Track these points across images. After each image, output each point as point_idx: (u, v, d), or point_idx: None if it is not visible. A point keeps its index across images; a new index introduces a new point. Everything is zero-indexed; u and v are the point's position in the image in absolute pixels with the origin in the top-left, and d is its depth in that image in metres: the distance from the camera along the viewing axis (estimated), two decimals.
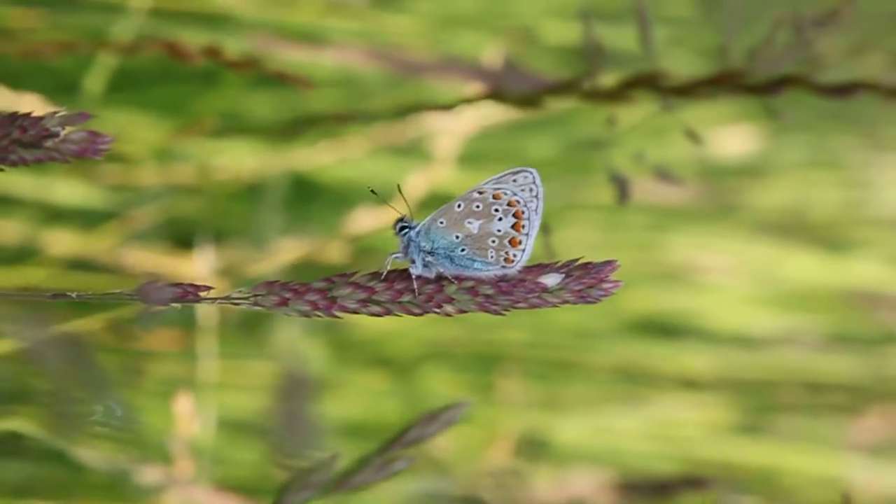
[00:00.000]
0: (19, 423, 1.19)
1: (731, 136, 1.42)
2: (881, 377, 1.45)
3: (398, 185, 0.67)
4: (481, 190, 0.62)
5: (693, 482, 1.05)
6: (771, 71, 0.82)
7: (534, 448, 1.29)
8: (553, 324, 1.37)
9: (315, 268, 1.22)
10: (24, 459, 1.20)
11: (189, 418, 1.07)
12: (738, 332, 1.45)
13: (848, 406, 1.46)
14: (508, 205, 0.61)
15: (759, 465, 1.40)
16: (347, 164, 1.28)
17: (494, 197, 0.61)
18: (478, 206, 0.61)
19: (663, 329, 1.43)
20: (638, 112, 0.89)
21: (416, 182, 1.13)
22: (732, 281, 1.46)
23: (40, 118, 0.55)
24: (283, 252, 1.25)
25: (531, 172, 0.61)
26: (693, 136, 0.86)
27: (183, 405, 1.08)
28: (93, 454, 1.14)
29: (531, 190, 0.61)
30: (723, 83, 0.83)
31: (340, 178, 1.31)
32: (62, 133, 0.54)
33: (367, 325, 1.35)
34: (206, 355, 1.15)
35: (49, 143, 0.54)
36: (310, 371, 0.59)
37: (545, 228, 0.69)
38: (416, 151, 1.26)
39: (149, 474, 1.06)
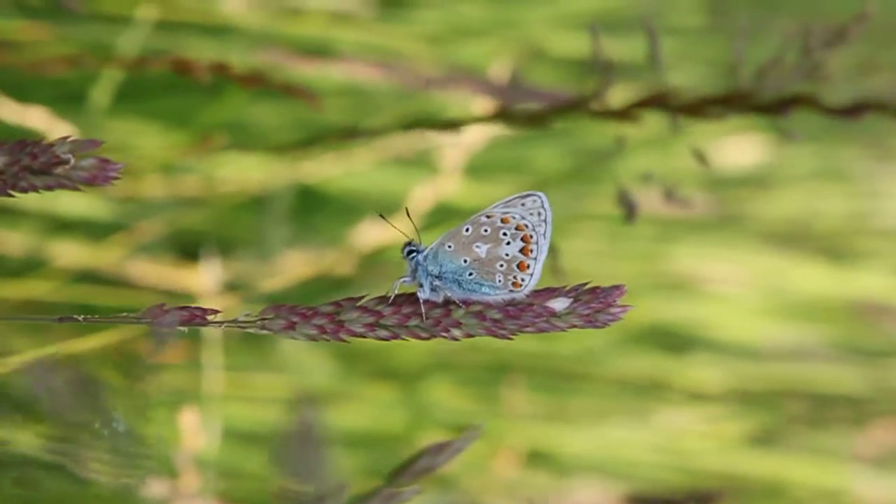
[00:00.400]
0: (25, 436, 1.19)
1: (738, 148, 1.41)
2: (887, 389, 1.44)
3: (406, 209, 0.67)
4: (489, 214, 0.61)
5: (700, 496, 1.05)
6: (779, 90, 0.82)
7: (540, 460, 1.28)
8: (559, 336, 1.37)
9: (321, 281, 1.22)
10: (28, 472, 1.20)
11: (194, 431, 1.07)
12: (745, 344, 1.45)
13: (854, 418, 1.46)
14: (517, 229, 0.61)
15: (766, 477, 1.40)
16: (354, 175, 1.28)
17: (503, 221, 0.61)
18: (486, 231, 0.61)
19: (669, 341, 1.43)
20: (646, 130, 0.89)
21: (423, 194, 1.13)
22: (738, 292, 1.45)
23: (51, 145, 0.54)
24: (289, 264, 1.25)
25: (540, 196, 0.61)
26: (700, 157, 0.87)
27: (188, 418, 1.08)
28: (97, 468, 1.14)
29: (539, 214, 0.61)
30: (731, 103, 0.83)
31: (347, 190, 1.31)
32: (72, 161, 0.54)
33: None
34: (211, 367, 1.15)
35: (59, 170, 0.54)
36: (319, 420, 0.58)
37: (553, 250, 0.69)
38: (422, 163, 1.26)
39: (154, 488, 1.06)
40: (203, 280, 1.18)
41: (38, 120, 1.09)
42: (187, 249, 1.26)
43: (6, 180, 0.54)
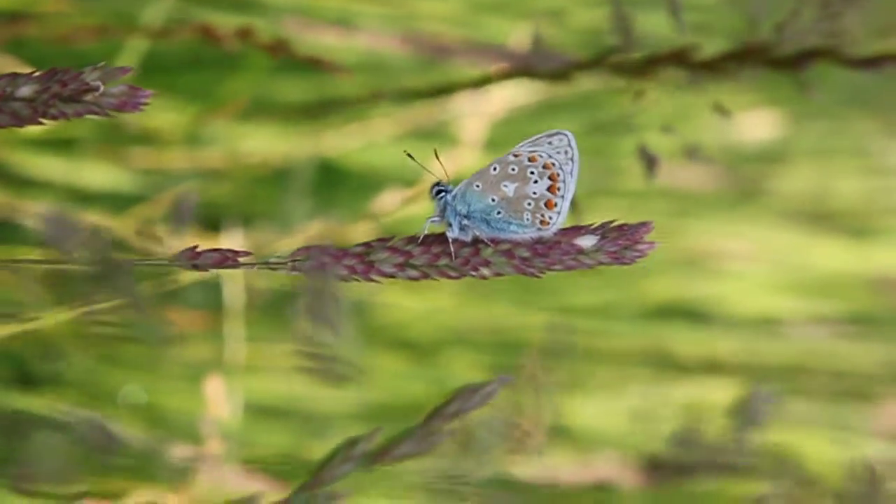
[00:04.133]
0: (49, 403, 1.20)
1: (755, 122, 1.42)
2: None
3: (434, 150, 0.68)
4: (517, 153, 0.63)
5: (717, 464, 1.05)
6: (797, 45, 0.83)
7: (558, 432, 1.29)
8: (576, 309, 1.38)
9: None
10: (53, 437, 1.21)
11: (218, 400, 1.08)
12: (761, 319, 1.45)
13: (871, 392, 1.46)
14: (544, 167, 0.62)
15: (781, 450, 1.40)
16: (374, 148, 1.29)
17: (530, 160, 0.62)
18: (513, 169, 0.62)
19: (686, 314, 1.44)
20: (665, 90, 0.89)
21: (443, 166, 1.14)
22: (755, 267, 1.46)
23: (80, 73, 0.55)
24: (310, 236, 1.26)
25: (566, 135, 0.62)
26: (720, 110, 0.87)
27: (212, 387, 1.09)
28: (124, 433, 1.15)
29: (566, 152, 0.62)
30: (750, 57, 0.84)
31: (367, 163, 1.32)
32: (102, 88, 0.55)
33: (390, 308, 1.35)
34: (233, 338, 1.16)
35: (89, 97, 0.55)
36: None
37: (574, 206, 0.70)
38: (442, 136, 1.27)
39: (179, 454, 1.07)
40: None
41: None
42: (209, 221, 1.27)
43: (37, 108, 0.56)
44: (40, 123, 0.56)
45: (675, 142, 0.90)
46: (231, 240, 1.18)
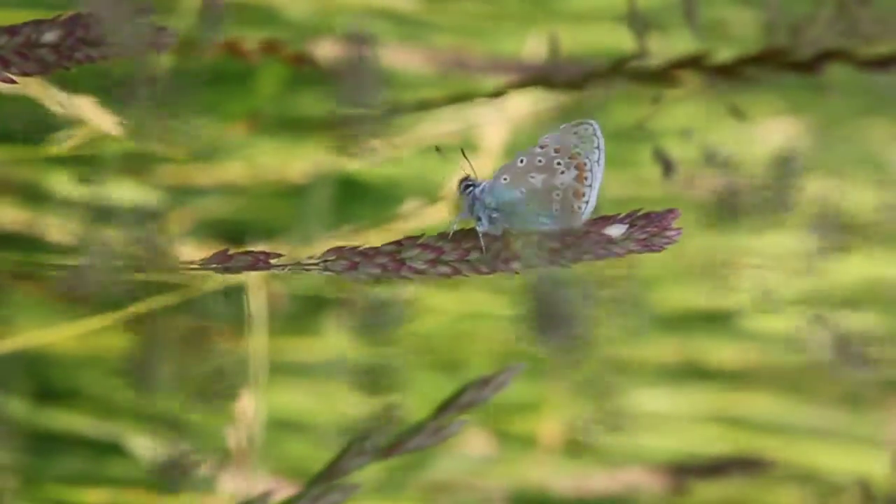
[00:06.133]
0: (72, 418, 1.21)
1: (771, 131, 1.43)
2: None
3: (461, 149, 0.69)
4: (542, 144, 0.63)
5: (747, 462, 1.05)
6: (814, 48, 0.84)
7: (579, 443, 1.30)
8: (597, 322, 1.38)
9: None
10: (77, 452, 1.22)
11: (245, 411, 1.09)
12: (777, 330, 1.45)
13: (890, 403, 1.46)
14: (570, 157, 0.63)
15: (800, 461, 1.41)
16: (395, 162, 1.30)
17: (556, 150, 0.63)
18: (540, 161, 0.63)
19: (700, 326, 1.44)
20: (682, 95, 0.90)
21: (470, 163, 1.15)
22: (771, 277, 1.46)
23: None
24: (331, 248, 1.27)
25: (592, 124, 0.63)
26: (737, 113, 0.88)
27: (242, 398, 1.09)
28: (147, 445, 1.16)
29: (592, 142, 0.63)
30: (768, 61, 0.85)
31: (388, 177, 1.33)
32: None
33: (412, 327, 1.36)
34: (257, 351, 1.17)
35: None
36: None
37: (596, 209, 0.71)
38: (463, 146, 1.27)
39: (204, 466, 1.07)
40: None
41: (87, 110, 1.12)
42: (231, 237, 1.29)
43: (62, 53, 0.56)
44: (67, 69, 0.57)
45: (693, 149, 0.91)
46: None
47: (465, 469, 1.30)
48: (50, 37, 0.57)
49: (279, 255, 0.68)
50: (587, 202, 0.62)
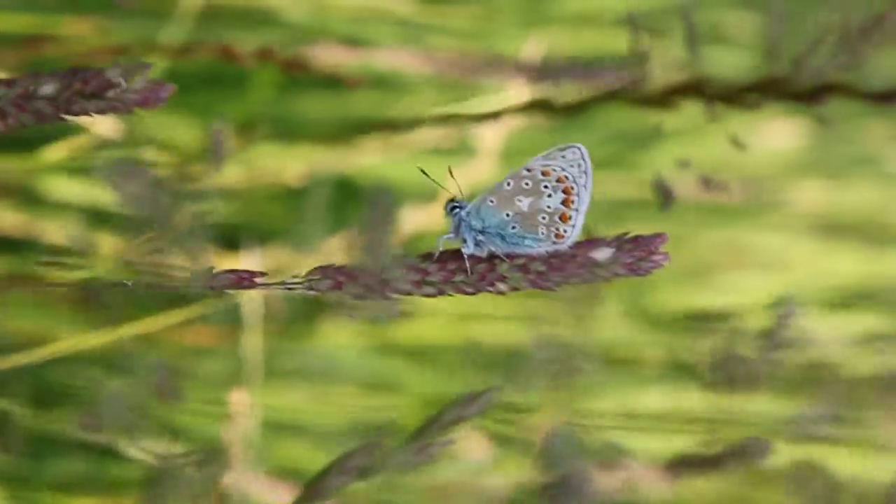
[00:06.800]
0: (65, 422, 1.21)
1: (773, 133, 1.42)
2: None
3: (449, 168, 0.69)
4: (530, 167, 0.63)
5: (745, 450, 1.03)
6: (816, 79, 0.83)
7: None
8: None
9: None
10: (71, 456, 1.22)
11: (241, 413, 1.09)
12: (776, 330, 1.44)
13: (892, 405, 1.46)
14: (557, 181, 0.62)
15: (799, 461, 1.40)
16: (392, 165, 1.30)
17: (543, 174, 0.63)
18: (527, 184, 0.63)
19: (703, 327, 1.44)
20: (683, 118, 0.90)
21: (459, 178, 1.14)
22: (772, 279, 1.46)
23: (102, 70, 0.56)
24: (329, 253, 1.27)
25: (579, 148, 0.63)
26: (738, 143, 0.88)
27: (235, 400, 1.09)
28: (141, 448, 1.16)
29: (580, 165, 0.63)
30: (768, 90, 0.85)
31: (385, 180, 1.33)
32: (124, 84, 0.55)
33: (410, 330, 1.36)
34: (252, 353, 1.17)
35: (111, 94, 0.55)
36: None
37: (587, 229, 0.71)
38: (460, 149, 1.27)
39: (202, 468, 1.07)
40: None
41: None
42: (227, 241, 1.28)
43: (59, 105, 0.56)
44: (62, 121, 0.56)
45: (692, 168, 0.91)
46: (249, 259, 1.19)
47: (464, 471, 1.30)
48: (47, 89, 0.56)
49: (263, 274, 0.67)
50: (573, 226, 0.62)
